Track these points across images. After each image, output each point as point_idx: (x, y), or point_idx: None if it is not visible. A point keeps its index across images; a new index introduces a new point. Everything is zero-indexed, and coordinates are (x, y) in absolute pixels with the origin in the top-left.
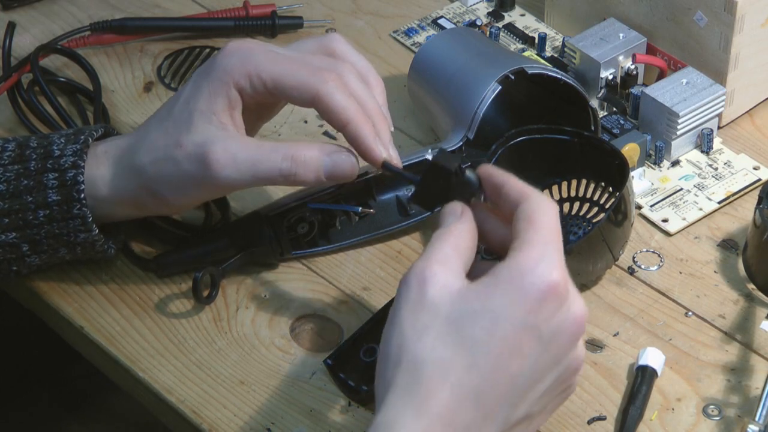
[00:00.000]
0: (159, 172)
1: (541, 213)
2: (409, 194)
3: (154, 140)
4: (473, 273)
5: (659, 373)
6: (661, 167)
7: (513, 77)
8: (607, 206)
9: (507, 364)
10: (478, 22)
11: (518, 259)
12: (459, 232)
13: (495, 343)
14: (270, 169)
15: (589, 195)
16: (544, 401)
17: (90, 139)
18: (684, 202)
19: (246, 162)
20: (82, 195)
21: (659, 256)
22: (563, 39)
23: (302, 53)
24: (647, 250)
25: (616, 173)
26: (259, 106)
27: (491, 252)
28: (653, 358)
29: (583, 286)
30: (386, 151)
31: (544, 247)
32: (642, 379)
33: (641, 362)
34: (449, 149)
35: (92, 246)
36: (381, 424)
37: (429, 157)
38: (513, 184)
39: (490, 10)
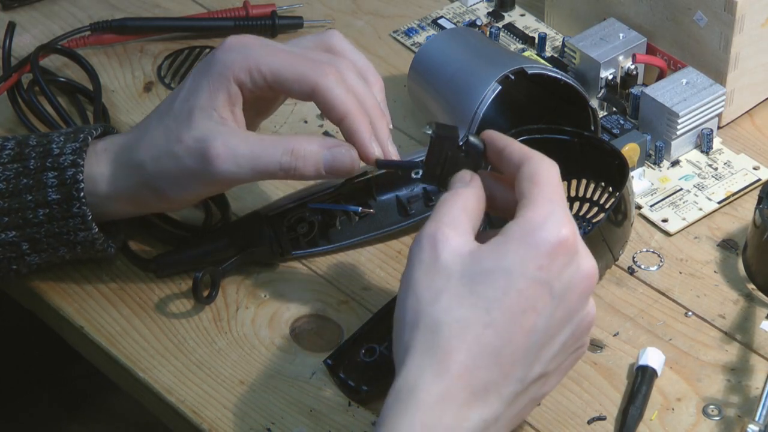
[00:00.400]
0: (159, 168)
1: (544, 172)
2: (410, 193)
3: (154, 137)
4: (480, 241)
5: (659, 373)
6: (661, 167)
7: (513, 77)
8: (607, 206)
9: (521, 321)
10: (478, 22)
11: (527, 217)
12: (467, 194)
13: (509, 300)
14: (270, 163)
15: (589, 195)
16: (558, 360)
17: (89, 138)
18: (684, 202)
19: (246, 156)
20: (82, 194)
21: (659, 256)
22: (563, 39)
23: (301, 49)
24: (647, 250)
25: (616, 173)
26: (259, 101)
27: (498, 221)
28: (653, 358)
29: None
30: (382, 148)
31: (550, 204)
32: (642, 379)
33: (641, 362)
34: None
35: (92, 245)
36: (402, 387)
37: (429, 132)
38: (514, 146)
39: (490, 10)
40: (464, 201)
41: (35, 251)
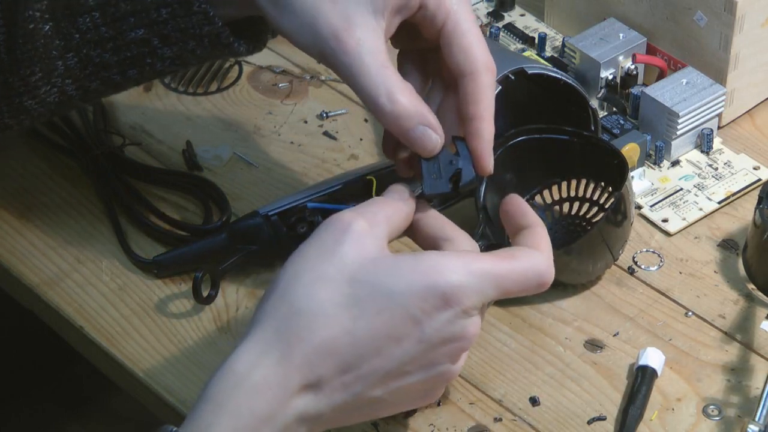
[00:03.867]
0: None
1: (526, 251)
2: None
3: None
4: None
5: (659, 373)
6: (661, 167)
7: (513, 77)
8: (607, 206)
9: (380, 343)
10: (478, 22)
11: (445, 255)
12: (399, 206)
13: (378, 321)
14: (371, 92)
15: (589, 195)
16: (401, 394)
17: None
18: (684, 202)
19: (364, 66)
20: None
21: (659, 256)
22: (563, 39)
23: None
24: (647, 250)
25: (616, 173)
26: (404, 32)
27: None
28: (653, 358)
29: (582, 286)
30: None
31: (477, 261)
32: (642, 379)
33: (641, 362)
34: None
35: (217, 38)
36: (239, 362)
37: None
38: (523, 211)
39: (490, 10)
40: (393, 211)
41: (166, 44)
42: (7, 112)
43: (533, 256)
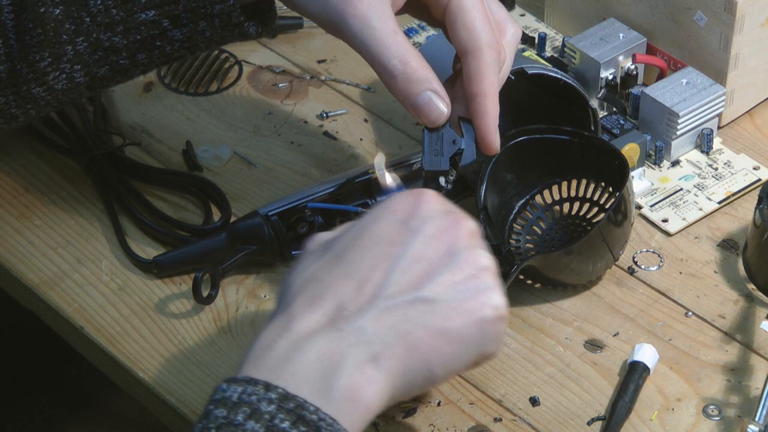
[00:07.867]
0: None
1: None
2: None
3: None
4: None
5: (652, 370)
6: (661, 167)
7: (513, 77)
8: (607, 206)
9: (382, 250)
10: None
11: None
12: None
13: (362, 240)
14: (381, 55)
15: (589, 195)
16: (446, 287)
17: None
18: (684, 202)
19: (374, 30)
20: None
21: (659, 256)
22: (563, 39)
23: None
24: (647, 250)
25: (616, 173)
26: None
27: None
28: (647, 354)
29: (583, 286)
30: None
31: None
32: (632, 374)
33: (634, 357)
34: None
35: (228, 17)
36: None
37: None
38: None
39: None
40: None
41: (176, 26)
42: (14, 101)
43: None
